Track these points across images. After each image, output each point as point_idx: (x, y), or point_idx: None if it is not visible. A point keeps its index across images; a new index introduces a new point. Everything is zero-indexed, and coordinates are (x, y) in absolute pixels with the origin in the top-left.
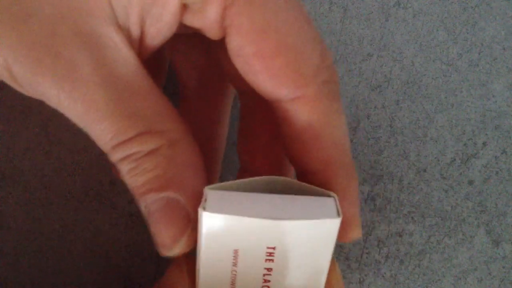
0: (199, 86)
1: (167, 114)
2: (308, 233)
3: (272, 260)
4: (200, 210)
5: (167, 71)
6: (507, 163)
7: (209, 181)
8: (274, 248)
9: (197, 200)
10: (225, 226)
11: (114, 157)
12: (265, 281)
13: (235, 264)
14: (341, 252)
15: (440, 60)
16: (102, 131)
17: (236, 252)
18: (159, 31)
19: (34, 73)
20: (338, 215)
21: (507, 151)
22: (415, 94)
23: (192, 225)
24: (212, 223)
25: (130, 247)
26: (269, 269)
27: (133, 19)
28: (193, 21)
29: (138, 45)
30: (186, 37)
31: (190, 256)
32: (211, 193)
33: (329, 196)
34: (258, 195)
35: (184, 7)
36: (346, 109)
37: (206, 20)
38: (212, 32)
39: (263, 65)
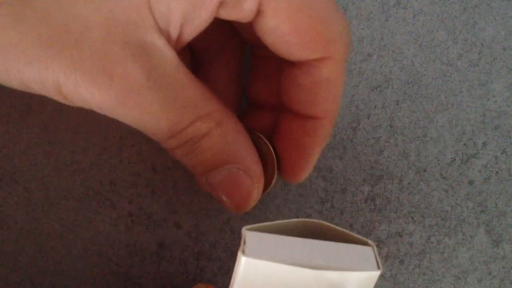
0: (214, 51)
1: (209, 99)
2: (348, 284)
3: None
4: (239, 253)
5: None
6: (507, 163)
7: None
8: None
9: (252, 167)
10: (262, 272)
11: (170, 145)
12: None
13: None
14: None
15: (440, 60)
16: (158, 129)
17: None
18: (195, 28)
19: (89, 92)
20: (378, 267)
21: (507, 151)
22: (415, 94)
23: (256, 185)
24: (250, 268)
25: (130, 247)
26: None
27: (174, 24)
28: (228, 14)
29: (175, 43)
30: None
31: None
32: (249, 235)
33: (366, 244)
34: (297, 239)
35: (221, 4)
36: (346, 109)
37: (242, 12)
38: (243, 19)
39: (298, 38)
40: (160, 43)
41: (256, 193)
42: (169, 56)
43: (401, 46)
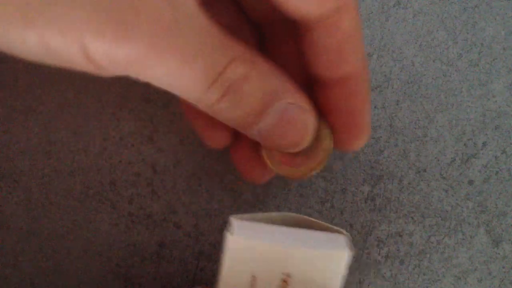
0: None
1: (236, 41)
2: (319, 264)
3: (287, 286)
4: (225, 233)
5: None
6: (507, 163)
7: None
8: (288, 276)
9: (301, 99)
10: (246, 250)
11: (211, 98)
12: None
13: None
14: None
15: (440, 60)
16: (195, 77)
17: (254, 279)
18: None
19: (117, 41)
20: (349, 249)
21: (507, 151)
22: (415, 94)
23: (311, 117)
24: (235, 246)
25: (130, 247)
26: None
27: None
28: None
29: None
30: None
31: None
32: (236, 221)
33: (341, 233)
34: (277, 227)
35: None
36: None
37: None
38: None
39: None
40: None
41: (311, 126)
42: None
43: (401, 46)
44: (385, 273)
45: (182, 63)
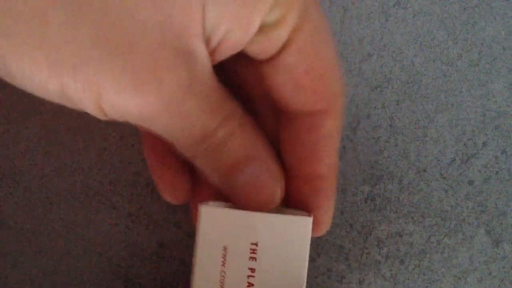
0: None
1: (230, 99)
2: (285, 230)
3: (255, 259)
4: (199, 206)
5: None
6: (507, 163)
7: None
8: (256, 245)
9: (273, 167)
10: (218, 220)
11: (197, 151)
12: (250, 284)
13: (223, 264)
14: (341, 252)
15: (440, 60)
16: (191, 135)
17: (225, 249)
18: (231, 48)
19: (135, 97)
20: (311, 216)
21: (507, 151)
22: (415, 94)
23: (279, 184)
24: (209, 216)
25: (130, 247)
26: (252, 270)
27: (215, 38)
28: (259, 41)
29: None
30: None
31: None
32: (208, 203)
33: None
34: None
35: (260, 29)
36: (346, 109)
37: (273, 41)
38: (268, 52)
39: (311, 82)
40: (203, 50)
41: (279, 192)
42: (207, 64)
43: (401, 46)
44: (385, 273)
45: (186, 122)
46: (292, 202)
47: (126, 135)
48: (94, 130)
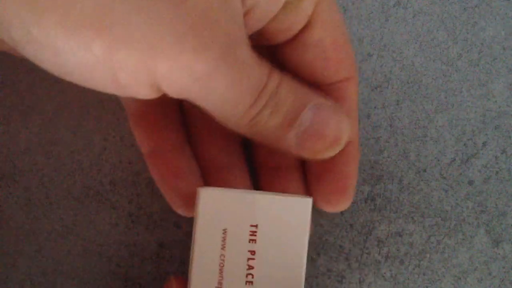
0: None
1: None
2: (284, 211)
3: (255, 241)
4: (198, 189)
5: None
6: (507, 163)
7: None
8: (256, 227)
9: (327, 101)
10: (218, 201)
11: (257, 108)
12: (249, 267)
13: (223, 247)
14: (341, 252)
15: (440, 60)
16: (248, 88)
17: (224, 232)
18: (258, 18)
19: (197, 58)
20: (311, 197)
21: (507, 151)
22: (415, 94)
23: (345, 120)
24: (208, 197)
25: (130, 247)
26: (252, 252)
27: (248, 1)
28: (287, 17)
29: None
30: None
31: (181, 280)
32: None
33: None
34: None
35: (285, 5)
36: None
37: (298, 16)
38: (294, 28)
39: (336, 55)
40: (241, 7)
41: (346, 123)
42: (241, 13)
43: (401, 46)
44: (385, 273)
45: (243, 73)
46: (319, 168)
47: (126, 135)
48: (94, 130)
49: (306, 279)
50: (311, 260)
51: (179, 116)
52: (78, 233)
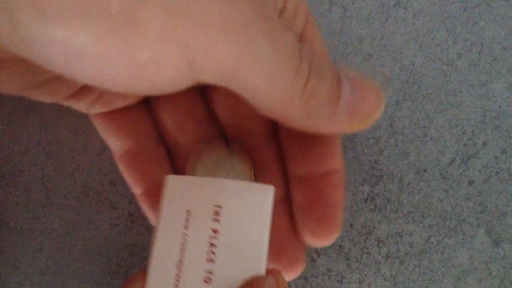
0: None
1: None
2: (247, 196)
3: (218, 221)
4: (165, 176)
5: None
6: (507, 163)
7: None
8: (220, 207)
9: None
10: (183, 187)
11: (302, 78)
12: (212, 245)
13: (186, 226)
14: (341, 252)
15: (440, 60)
16: (290, 54)
17: (188, 212)
18: None
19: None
20: (272, 186)
21: (507, 151)
22: (415, 94)
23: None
24: (173, 182)
25: (130, 247)
26: (215, 231)
27: None
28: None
29: None
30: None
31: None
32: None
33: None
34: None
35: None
36: None
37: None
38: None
39: None
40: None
41: (383, 95)
42: None
43: (401, 46)
44: (385, 273)
45: (277, 33)
46: (306, 200)
47: None
48: (94, 130)
49: (306, 279)
50: (311, 260)
51: (167, 153)
52: (78, 233)
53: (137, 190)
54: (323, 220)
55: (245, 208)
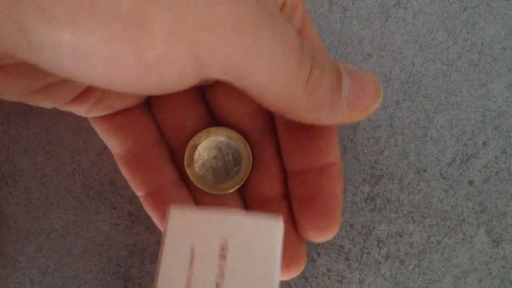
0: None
1: None
2: (256, 233)
3: (225, 257)
4: (168, 208)
5: None
6: (507, 163)
7: None
8: (226, 243)
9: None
10: (187, 221)
11: (305, 70)
12: (218, 286)
13: (191, 265)
14: (341, 252)
15: (440, 60)
16: (290, 52)
17: (193, 249)
18: None
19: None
20: (283, 222)
21: (507, 151)
22: (415, 94)
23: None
24: (177, 217)
25: (130, 247)
26: (221, 268)
27: None
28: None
29: None
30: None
31: None
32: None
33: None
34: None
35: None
36: None
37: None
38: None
39: None
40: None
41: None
42: None
43: (401, 46)
44: (385, 273)
45: (281, 27)
46: (305, 195)
47: None
48: (94, 130)
49: (306, 279)
50: (311, 260)
51: (167, 153)
52: (78, 233)
53: (139, 191)
54: (322, 213)
55: (254, 243)
